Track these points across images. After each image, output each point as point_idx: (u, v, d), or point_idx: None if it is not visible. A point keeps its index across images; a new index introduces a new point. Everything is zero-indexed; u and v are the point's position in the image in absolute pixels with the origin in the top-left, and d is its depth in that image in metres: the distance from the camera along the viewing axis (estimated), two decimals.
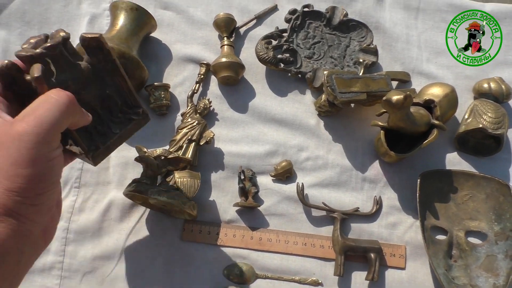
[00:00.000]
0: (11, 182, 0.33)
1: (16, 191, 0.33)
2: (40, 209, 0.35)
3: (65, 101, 0.35)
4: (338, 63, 0.70)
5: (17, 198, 0.33)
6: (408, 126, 0.58)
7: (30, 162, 0.33)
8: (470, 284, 0.58)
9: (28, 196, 0.34)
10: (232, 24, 0.70)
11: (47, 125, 0.34)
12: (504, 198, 0.61)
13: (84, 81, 0.41)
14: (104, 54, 0.42)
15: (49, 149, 0.35)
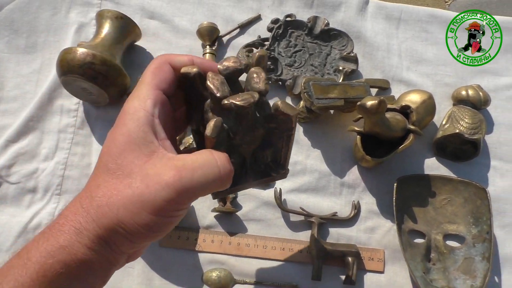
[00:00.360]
0: (128, 217, 0.31)
1: (126, 228, 0.31)
2: (136, 246, 0.33)
3: (224, 176, 0.33)
4: (318, 71, 0.71)
5: (123, 232, 0.31)
6: (384, 131, 0.58)
7: (158, 211, 0.31)
8: (448, 286, 0.59)
9: (134, 236, 0.32)
10: (215, 33, 0.72)
11: (194, 191, 0.32)
12: (481, 201, 0.61)
13: (252, 139, 0.37)
14: (288, 129, 0.38)
15: (181, 207, 0.33)
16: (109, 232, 0.31)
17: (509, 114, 0.69)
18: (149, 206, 0.30)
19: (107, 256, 0.32)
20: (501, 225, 0.64)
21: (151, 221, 0.31)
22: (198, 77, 0.35)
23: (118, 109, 0.68)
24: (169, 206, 0.31)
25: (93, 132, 0.70)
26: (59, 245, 0.30)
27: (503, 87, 0.70)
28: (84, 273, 0.31)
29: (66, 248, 0.30)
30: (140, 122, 0.32)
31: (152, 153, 0.32)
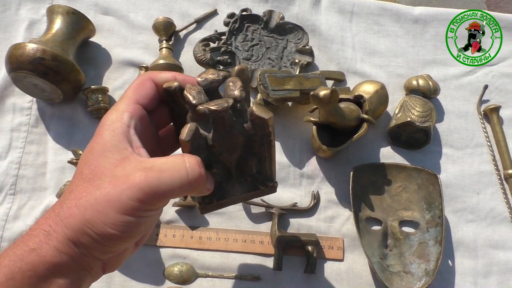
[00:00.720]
0: (95, 216, 0.31)
1: (94, 228, 0.31)
2: (107, 250, 0.33)
3: (192, 179, 0.33)
4: (275, 64, 0.71)
5: (91, 233, 0.31)
6: (338, 121, 0.60)
7: (124, 210, 0.31)
8: (404, 271, 0.60)
9: (103, 237, 0.31)
10: (171, 27, 0.71)
11: (161, 192, 0.32)
12: (433, 187, 0.64)
13: (232, 147, 0.37)
14: (265, 134, 0.37)
15: (149, 208, 0.32)
16: (77, 233, 0.31)
17: (458, 103, 0.72)
18: (115, 205, 0.31)
19: (77, 259, 0.31)
20: (454, 210, 0.66)
21: (118, 220, 0.31)
22: (178, 90, 0.36)
23: (73, 106, 0.68)
24: (135, 205, 0.31)
25: (48, 130, 0.68)
26: (29, 248, 0.31)
27: (452, 77, 0.73)
28: (52, 276, 0.31)
29: (35, 251, 0.30)
30: (115, 132, 0.33)
31: (124, 158, 0.32)
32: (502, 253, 0.64)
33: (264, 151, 0.39)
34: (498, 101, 0.71)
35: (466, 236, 0.65)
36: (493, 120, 0.70)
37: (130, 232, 0.32)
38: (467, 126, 0.70)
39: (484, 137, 0.70)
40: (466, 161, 0.69)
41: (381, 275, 0.58)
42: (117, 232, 0.31)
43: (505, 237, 0.65)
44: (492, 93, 0.72)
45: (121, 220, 0.31)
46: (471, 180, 0.68)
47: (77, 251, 0.31)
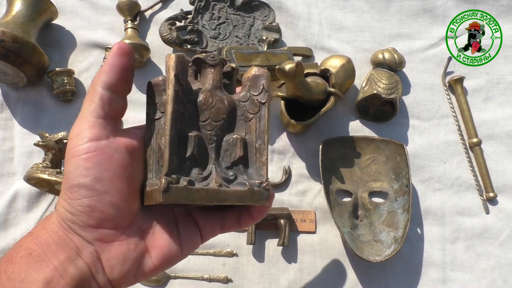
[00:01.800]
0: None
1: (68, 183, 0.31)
2: (90, 224, 0.32)
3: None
4: (243, 41, 0.71)
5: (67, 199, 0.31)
6: (305, 94, 0.60)
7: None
8: (374, 239, 0.62)
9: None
10: (136, 7, 0.70)
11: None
12: (400, 157, 0.65)
13: (218, 108, 0.34)
14: (259, 93, 0.34)
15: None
16: (59, 211, 0.32)
17: (424, 75, 0.73)
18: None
19: (63, 237, 0.31)
20: (421, 180, 0.68)
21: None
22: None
23: (38, 89, 0.67)
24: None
25: (14, 115, 0.67)
26: (29, 234, 0.32)
27: (417, 50, 0.74)
28: (44, 254, 0.31)
29: (32, 234, 0.32)
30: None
31: None
32: (468, 219, 0.66)
33: (255, 130, 0.34)
34: (462, 72, 0.73)
35: (434, 204, 0.67)
36: (457, 91, 0.71)
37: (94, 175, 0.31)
38: (432, 98, 0.72)
39: (449, 108, 0.71)
40: (432, 132, 0.70)
41: (351, 245, 0.60)
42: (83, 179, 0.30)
43: (471, 204, 0.67)
44: (456, 65, 0.74)
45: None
46: (437, 150, 0.69)
47: (63, 229, 0.31)
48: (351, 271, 0.63)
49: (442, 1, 0.76)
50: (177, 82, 0.31)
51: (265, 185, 0.33)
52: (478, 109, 0.71)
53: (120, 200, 0.31)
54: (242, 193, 0.32)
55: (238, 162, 0.33)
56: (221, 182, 0.32)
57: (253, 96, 0.34)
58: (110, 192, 0.31)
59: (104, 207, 0.31)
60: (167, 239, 0.34)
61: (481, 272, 0.64)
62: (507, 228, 0.66)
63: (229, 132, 0.34)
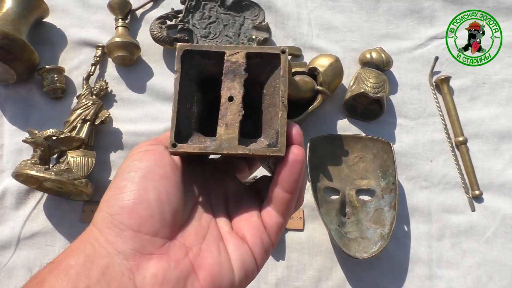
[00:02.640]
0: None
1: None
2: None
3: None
4: (233, 41, 0.72)
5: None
6: (293, 92, 0.61)
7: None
8: (361, 236, 0.63)
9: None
10: (127, 6, 0.71)
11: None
12: (387, 155, 0.66)
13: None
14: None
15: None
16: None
17: (411, 75, 0.74)
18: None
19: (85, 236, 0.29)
20: (408, 178, 0.69)
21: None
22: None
23: (28, 87, 0.67)
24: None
25: (4, 113, 0.67)
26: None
27: (404, 50, 0.75)
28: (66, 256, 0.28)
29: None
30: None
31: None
32: (454, 217, 0.67)
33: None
34: (448, 72, 0.74)
35: (421, 202, 0.67)
36: (444, 90, 0.72)
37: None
38: (419, 97, 0.73)
39: (436, 107, 0.72)
40: (419, 131, 0.71)
41: (339, 242, 0.60)
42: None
43: (457, 202, 0.68)
44: (443, 65, 0.75)
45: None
46: (424, 148, 0.70)
47: (100, 244, 0.28)
48: (339, 268, 0.64)
49: (430, 2, 0.78)
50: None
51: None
52: (464, 108, 0.72)
53: (166, 201, 0.28)
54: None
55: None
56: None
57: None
58: (157, 188, 0.28)
59: (148, 204, 0.28)
60: (217, 258, 0.29)
61: (466, 269, 0.64)
62: (492, 225, 0.66)
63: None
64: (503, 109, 0.72)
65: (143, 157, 0.29)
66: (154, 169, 0.29)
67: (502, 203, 0.67)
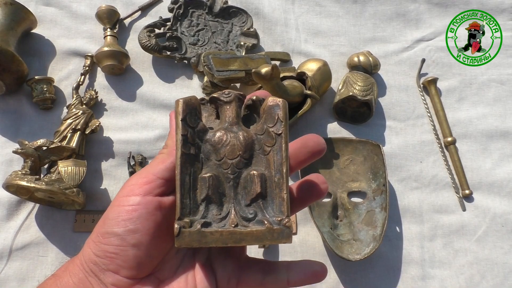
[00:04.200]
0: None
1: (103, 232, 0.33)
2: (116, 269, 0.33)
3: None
4: (222, 47, 0.73)
5: (97, 248, 0.33)
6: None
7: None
8: (353, 238, 0.63)
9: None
10: (115, 15, 0.71)
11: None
12: (377, 157, 0.66)
13: (233, 145, 0.33)
14: (276, 123, 0.33)
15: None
16: (86, 256, 0.33)
17: (398, 77, 0.75)
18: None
19: (84, 281, 0.33)
20: (399, 179, 0.69)
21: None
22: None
23: (18, 98, 0.67)
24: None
25: None
26: (53, 276, 0.35)
27: (391, 53, 0.76)
28: None
29: (55, 276, 0.34)
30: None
31: None
32: (445, 216, 0.68)
33: (273, 163, 0.33)
34: (435, 74, 0.75)
35: (412, 203, 0.68)
36: (431, 92, 0.73)
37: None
38: (408, 99, 0.74)
39: (424, 108, 0.73)
40: (408, 132, 0.72)
41: (331, 244, 0.61)
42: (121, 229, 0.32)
43: (448, 202, 0.68)
44: (430, 67, 0.76)
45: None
46: (414, 149, 0.71)
47: (83, 272, 0.33)
48: (332, 270, 0.64)
49: (415, 5, 0.79)
50: (185, 126, 0.32)
51: (285, 222, 0.31)
52: (452, 109, 0.73)
53: (145, 255, 0.32)
54: (260, 232, 0.30)
55: (257, 198, 0.32)
56: (238, 222, 0.31)
57: (269, 128, 0.33)
58: (138, 246, 0.32)
59: (127, 257, 0.32)
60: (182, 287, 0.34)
61: (459, 268, 0.65)
62: (483, 224, 0.67)
63: (247, 168, 0.33)
64: (491, 108, 0.73)
65: (130, 216, 0.32)
66: (137, 228, 0.32)
67: (491, 202, 0.68)
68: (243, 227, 0.31)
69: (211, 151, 0.33)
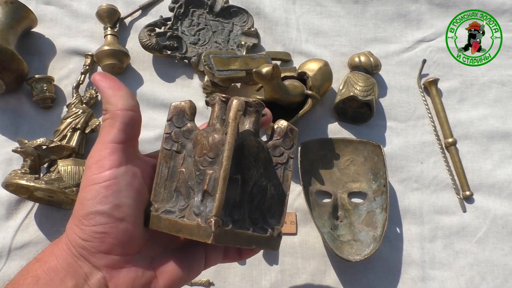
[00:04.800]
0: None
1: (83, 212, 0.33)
2: (101, 249, 0.33)
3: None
4: (222, 47, 0.72)
5: (80, 225, 0.33)
6: (283, 97, 0.61)
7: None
8: (354, 239, 0.63)
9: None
10: (115, 14, 0.71)
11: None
12: (378, 158, 0.66)
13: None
14: (292, 144, 0.38)
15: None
16: (70, 236, 0.33)
17: (399, 78, 0.75)
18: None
19: (72, 263, 0.32)
20: (399, 180, 0.69)
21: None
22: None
23: (18, 97, 0.67)
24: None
25: None
26: (35, 259, 0.35)
27: (393, 53, 0.76)
28: (51, 281, 0.32)
29: (39, 260, 0.34)
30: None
31: None
32: (446, 218, 0.67)
33: (280, 177, 0.37)
34: (436, 75, 0.75)
35: (412, 204, 0.68)
36: (432, 93, 0.73)
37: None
38: (408, 100, 0.74)
39: (425, 109, 0.73)
40: (409, 133, 0.72)
41: (331, 245, 0.60)
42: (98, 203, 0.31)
43: (448, 203, 0.68)
44: (431, 67, 0.76)
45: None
46: (414, 150, 0.71)
47: (72, 256, 0.32)
48: (332, 271, 0.64)
49: (416, 6, 0.79)
50: (170, 125, 0.37)
51: (279, 233, 0.36)
52: (453, 110, 0.73)
53: (134, 226, 0.32)
54: (264, 239, 0.35)
55: (263, 208, 0.36)
56: (186, 215, 0.34)
57: (284, 149, 0.38)
58: (126, 219, 0.32)
59: (118, 233, 0.31)
60: (174, 266, 0.34)
61: (459, 270, 0.65)
62: (484, 226, 0.67)
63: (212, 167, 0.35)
64: (492, 109, 0.73)
65: (111, 191, 0.31)
66: (122, 201, 0.32)
67: (492, 204, 0.68)
68: (253, 231, 0.35)
69: (192, 149, 0.36)
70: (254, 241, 0.35)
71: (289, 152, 0.38)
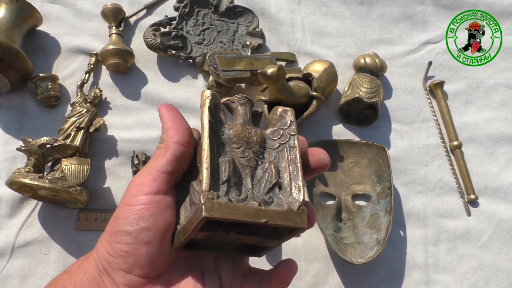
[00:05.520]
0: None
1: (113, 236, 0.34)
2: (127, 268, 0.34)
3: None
4: (227, 47, 0.72)
5: (108, 247, 0.34)
6: (287, 98, 0.61)
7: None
8: (357, 242, 0.62)
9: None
10: (120, 13, 0.71)
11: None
12: (382, 160, 0.66)
13: (253, 142, 0.34)
14: (290, 122, 0.37)
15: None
16: (99, 255, 0.34)
17: (405, 80, 0.74)
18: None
19: (97, 279, 0.34)
20: (404, 183, 0.69)
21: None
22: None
23: (22, 95, 0.67)
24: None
25: None
26: (65, 271, 0.36)
27: (398, 55, 0.75)
28: None
29: (68, 272, 0.36)
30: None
31: None
32: (450, 221, 0.67)
33: (287, 157, 0.35)
34: (442, 77, 0.74)
35: (416, 207, 0.67)
36: (438, 95, 0.73)
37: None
38: (414, 102, 0.73)
39: (430, 111, 0.73)
40: (414, 135, 0.71)
41: (335, 247, 0.60)
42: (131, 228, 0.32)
43: (453, 206, 0.68)
44: (436, 70, 0.75)
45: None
46: (419, 153, 0.70)
47: (97, 270, 0.34)
48: (335, 273, 0.63)
49: (422, 7, 0.78)
50: (211, 113, 0.33)
51: (300, 206, 0.31)
52: (459, 112, 0.73)
53: (157, 252, 0.33)
54: (282, 213, 0.31)
55: (273, 188, 0.33)
56: (260, 202, 0.31)
57: (282, 129, 0.36)
58: (150, 243, 0.32)
59: (140, 255, 0.32)
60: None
61: (463, 274, 0.64)
62: (488, 230, 0.67)
63: (261, 160, 0.35)
64: (497, 113, 0.73)
65: (142, 215, 0.33)
66: (149, 226, 0.32)
67: (497, 208, 0.67)
68: (266, 207, 0.31)
69: (227, 141, 0.34)
70: (264, 215, 0.30)
71: (289, 130, 0.36)
